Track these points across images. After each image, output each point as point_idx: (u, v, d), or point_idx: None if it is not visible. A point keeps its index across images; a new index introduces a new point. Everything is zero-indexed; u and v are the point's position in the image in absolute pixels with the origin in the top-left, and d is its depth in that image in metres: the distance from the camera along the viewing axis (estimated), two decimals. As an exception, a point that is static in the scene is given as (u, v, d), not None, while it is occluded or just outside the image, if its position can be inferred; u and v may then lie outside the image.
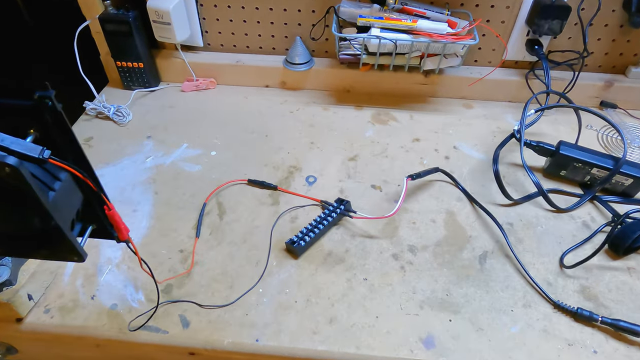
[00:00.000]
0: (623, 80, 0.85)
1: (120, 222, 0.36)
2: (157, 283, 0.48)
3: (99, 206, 0.35)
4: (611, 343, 0.51)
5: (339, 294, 0.56)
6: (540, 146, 0.70)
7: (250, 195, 0.69)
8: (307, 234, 0.60)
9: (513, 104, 0.88)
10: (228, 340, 0.51)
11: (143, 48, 0.85)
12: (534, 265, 0.59)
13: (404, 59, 0.78)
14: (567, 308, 0.53)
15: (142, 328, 0.52)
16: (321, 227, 0.61)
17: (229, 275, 0.58)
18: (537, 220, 0.65)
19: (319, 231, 0.61)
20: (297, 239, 0.60)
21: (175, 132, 0.81)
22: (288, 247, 0.60)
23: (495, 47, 0.86)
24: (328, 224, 0.62)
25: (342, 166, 0.74)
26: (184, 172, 0.73)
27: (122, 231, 0.36)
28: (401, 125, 0.83)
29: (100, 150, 0.77)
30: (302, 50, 0.86)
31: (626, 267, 0.59)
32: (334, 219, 0.62)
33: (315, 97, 0.90)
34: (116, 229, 0.36)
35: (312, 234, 0.60)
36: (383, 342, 0.51)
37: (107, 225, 0.39)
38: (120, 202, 0.67)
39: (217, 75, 0.91)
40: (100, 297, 0.55)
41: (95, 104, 0.83)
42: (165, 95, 0.90)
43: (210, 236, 0.63)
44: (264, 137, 0.80)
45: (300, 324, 0.53)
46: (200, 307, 0.54)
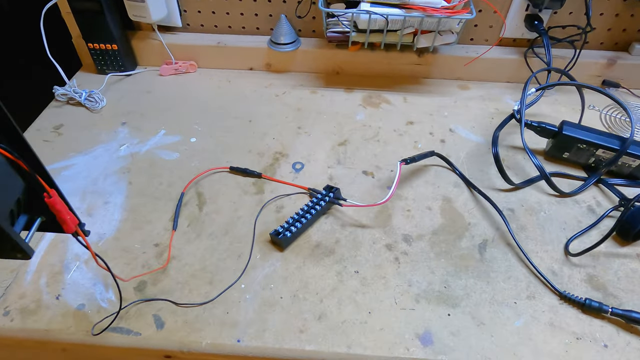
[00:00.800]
0: (626, 58, 0.81)
1: (63, 211, 0.31)
2: (117, 279, 0.43)
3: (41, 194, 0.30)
4: (623, 336, 0.47)
5: (328, 289, 0.52)
6: (542, 127, 0.65)
7: (233, 183, 0.64)
8: (294, 224, 0.56)
9: (511, 84, 0.84)
10: (206, 341, 0.47)
11: (116, 28, 0.79)
12: (537, 254, 0.55)
13: (396, 36, 0.73)
14: (574, 299, 0.50)
15: (113, 330, 0.47)
16: (309, 217, 0.57)
17: (208, 271, 0.53)
18: (540, 205, 0.61)
19: (306, 221, 0.56)
20: (283, 229, 0.55)
21: (152, 118, 0.75)
22: (273, 238, 0.55)
23: (492, 24, 0.81)
24: (316, 213, 0.57)
25: (331, 152, 0.69)
26: (161, 160, 0.67)
27: (66, 223, 0.31)
28: (394, 108, 0.78)
29: (70, 138, 0.71)
30: (288, 29, 0.80)
31: (636, 254, 0.55)
32: (322, 208, 0.58)
33: (302, 79, 0.85)
34: (59, 220, 0.31)
35: (298, 224, 0.56)
36: (376, 340, 0.47)
37: (57, 217, 0.34)
38: (91, 194, 0.62)
39: (197, 57, 0.86)
40: (66, 296, 0.50)
41: (65, 90, 0.77)
42: (142, 80, 0.84)
43: (189, 228, 0.58)
44: (248, 123, 0.75)
45: (286, 321, 0.48)
46: (177, 306, 0.50)
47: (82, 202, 0.61)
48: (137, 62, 0.87)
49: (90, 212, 0.60)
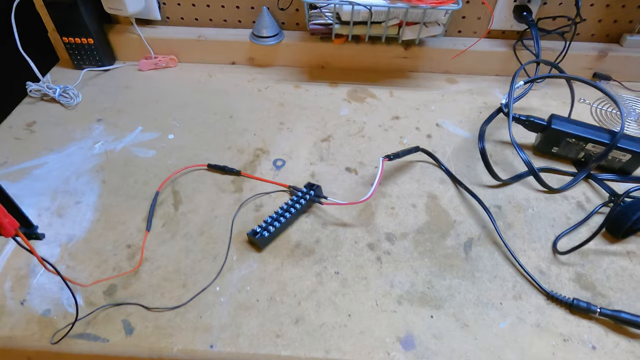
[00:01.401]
0: (617, 50, 0.79)
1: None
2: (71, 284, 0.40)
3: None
4: (611, 337, 0.46)
5: (307, 291, 0.49)
6: (531, 121, 0.63)
7: (211, 182, 0.61)
8: (272, 224, 0.53)
9: (500, 77, 0.82)
10: (178, 347, 0.45)
11: (92, 22, 0.76)
12: (524, 252, 0.53)
13: (381, 28, 0.71)
14: (561, 299, 0.48)
15: (80, 337, 0.45)
16: (288, 216, 0.54)
17: (182, 273, 0.51)
18: (528, 202, 0.59)
19: (285, 220, 0.54)
20: (260, 229, 0.53)
21: (129, 115, 0.73)
22: (250, 238, 0.53)
23: (480, 16, 0.79)
24: (296, 211, 0.55)
25: (313, 148, 0.67)
26: (136, 158, 0.65)
27: (3, 226, 0.29)
28: (380, 103, 0.76)
29: (43, 135, 0.69)
30: (270, 22, 0.78)
31: (626, 252, 0.53)
32: (302, 206, 0.56)
33: (286, 74, 0.82)
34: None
35: (277, 223, 0.53)
36: (356, 344, 0.45)
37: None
38: (63, 193, 0.60)
39: (177, 51, 0.83)
40: (31, 301, 0.48)
41: (39, 86, 0.74)
42: (121, 75, 0.81)
43: (163, 228, 0.56)
44: (229, 118, 0.72)
45: (261, 326, 0.46)
46: (147, 310, 0.47)
47: (53, 202, 0.58)
48: (115, 56, 0.84)
49: (61, 212, 0.57)
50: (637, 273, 0.51)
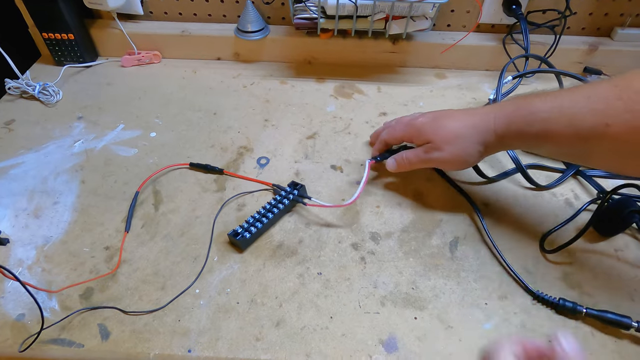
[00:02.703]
0: (608, 44, 0.78)
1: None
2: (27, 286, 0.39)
3: None
4: (598, 337, 0.45)
5: (288, 292, 0.48)
6: (519, 116, 0.62)
7: (193, 181, 0.60)
8: (254, 224, 0.52)
9: (490, 72, 0.80)
10: (155, 352, 0.44)
11: (72, 17, 0.74)
12: (511, 251, 0.52)
13: (367, 22, 0.69)
14: (547, 299, 0.47)
15: (54, 342, 0.44)
16: (270, 216, 0.53)
17: (161, 275, 0.50)
18: (516, 199, 0.58)
19: (267, 220, 0.53)
20: (242, 229, 0.52)
21: (110, 112, 0.71)
22: (231, 239, 0.52)
23: (469, 9, 0.78)
24: (279, 212, 0.54)
25: (298, 145, 0.66)
26: (117, 157, 0.63)
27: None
28: (367, 99, 0.75)
29: (22, 134, 0.67)
30: (255, 16, 0.76)
31: (613, 250, 0.53)
32: (285, 207, 0.54)
33: (272, 69, 0.81)
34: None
35: (259, 223, 0.52)
36: (337, 347, 0.44)
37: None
38: (40, 194, 0.58)
39: (161, 47, 0.81)
40: (5, 306, 0.47)
41: (18, 83, 0.72)
42: (103, 71, 0.80)
43: (143, 229, 0.54)
44: (212, 115, 0.71)
45: (241, 329, 0.45)
46: (124, 314, 0.46)
47: (30, 203, 0.57)
48: (97, 52, 0.82)
49: (38, 213, 0.56)
50: (625, 272, 0.50)
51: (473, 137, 0.49)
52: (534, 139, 0.46)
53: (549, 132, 0.44)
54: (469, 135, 0.49)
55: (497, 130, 0.48)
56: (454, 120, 0.51)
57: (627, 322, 0.44)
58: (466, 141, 0.50)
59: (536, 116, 0.45)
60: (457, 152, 0.50)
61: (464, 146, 0.50)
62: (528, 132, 0.45)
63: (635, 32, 0.77)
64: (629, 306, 0.47)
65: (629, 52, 0.77)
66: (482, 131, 0.49)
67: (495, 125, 0.48)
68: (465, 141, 0.50)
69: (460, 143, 0.50)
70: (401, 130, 0.55)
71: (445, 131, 0.51)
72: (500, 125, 0.48)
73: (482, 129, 0.49)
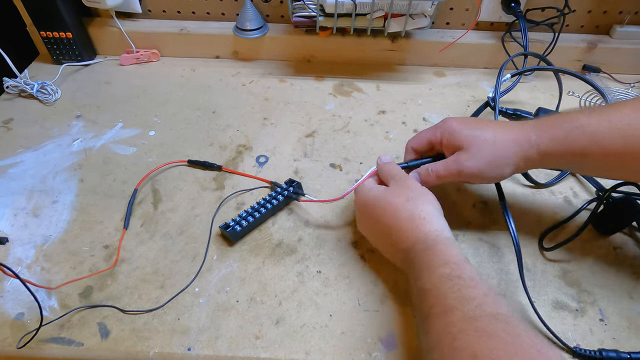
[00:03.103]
0: (607, 41, 0.78)
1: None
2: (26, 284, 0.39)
3: None
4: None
5: (288, 291, 0.48)
6: (518, 114, 0.62)
7: (192, 179, 0.60)
8: (245, 218, 0.52)
9: (489, 70, 0.80)
10: (154, 350, 0.44)
11: (70, 15, 0.74)
12: (510, 249, 0.52)
13: (366, 20, 0.69)
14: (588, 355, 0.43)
15: (54, 340, 0.44)
16: (263, 211, 0.53)
17: (160, 274, 0.50)
18: (514, 197, 0.58)
19: (260, 215, 0.53)
20: (234, 222, 0.52)
21: (109, 111, 0.71)
22: (222, 232, 0.52)
23: (468, 7, 0.78)
24: (272, 207, 0.54)
25: (297, 144, 0.66)
26: (116, 155, 0.63)
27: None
28: (366, 97, 0.75)
29: (20, 133, 0.67)
30: (254, 14, 0.76)
31: (612, 248, 0.53)
32: (280, 202, 0.55)
33: (271, 68, 0.81)
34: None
35: (251, 217, 0.52)
36: (336, 345, 0.44)
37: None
38: (39, 193, 0.58)
39: (160, 45, 0.81)
40: (4, 305, 0.47)
41: (16, 81, 0.72)
42: (101, 70, 0.80)
43: (142, 228, 0.54)
44: (211, 114, 0.71)
45: (241, 327, 0.45)
46: (124, 313, 0.46)
47: (29, 202, 0.57)
48: (95, 51, 0.82)
49: (37, 212, 0.56)
50: (623, 270, 0.50)
51: (511, 149, 0.45)
52: (579, 156, 0.43)
53: (596, 146, 0.41)
54: (508, 148, 0.45)
55: (539, 144, 0.44)
56: (491, 130, 0.46)
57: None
58: (505, 152, 0.45)
59: (582, 130, 0.42)
60: (495, 161, 0.45)
61: (502, 156, 0.45)
62: (572, 148, 0.43)
63: (633, 30, 0.77)
64: (628, 304, 0.47)
65: (628, 50, 0.77)
66: (523, 146, 0.45)
67: (537, 139, 0.44)
68: (504, 152, 0.45)
69: (499, 153, 0.45)
70: (429, 131, 0.50)
71: (482, 138, 0.46)
72: (543, 140, 0.44)
73: (523, 142, 0.45)
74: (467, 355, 0.32)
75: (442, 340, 0.34)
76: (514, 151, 0.45)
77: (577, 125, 0.43)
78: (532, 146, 0.45)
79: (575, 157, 0.43)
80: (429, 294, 0.38)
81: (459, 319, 0.34)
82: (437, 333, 0.35)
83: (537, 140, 0.44)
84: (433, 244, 0.41)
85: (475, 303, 0.35)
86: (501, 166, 0.46)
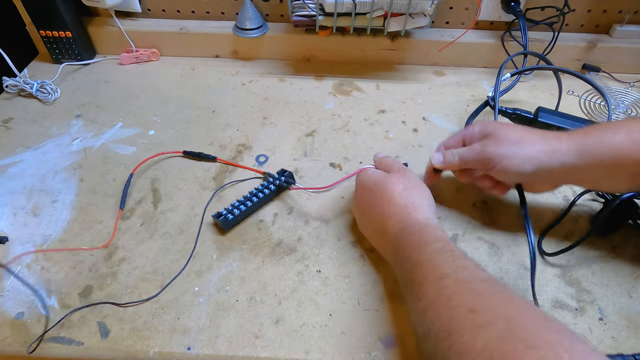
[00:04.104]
0: (607, 41, 0.78)
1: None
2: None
3: None
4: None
5: (287, 290, 0.48)
6: (517, 113, 0.62)
7: (191, 179, 0.60)
8: (238, 207, 0.53)
9: (489, 69, 0.80)
10: (154, 349, 0.44)
11: (69, 14, 0.74)
12: (509, 248, 0.53)
13: (366, 19, 0.69)
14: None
15: (54, 340, 0.44)
16: (255, 200, 0.54)
17: (160, 273, 0.50)
18: (514, 197, 0.58)
19: (251, 204, 0.54)
20: (226, 211, 0.52)
21: (109, 110, 0.71)
22: (214, 220, 0.53)
23: (468, 6, 0.78)
24: (264, 196, 0.55)
25: (297, 143, 0.66)
26: (115, 155, 0.63)
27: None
28: (366, 96, 0.75)
29: (20, 132, 0.67)
30: (253, 14, 0.76)
31: (611, 247, 0.53)
32: (271, 192, 0.55)
33: (271, 67, 0.81)
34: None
35: (243, 206, 0.53)
36: (336, 344, 0.44)
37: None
38: (39, 192, 0.58)
39: (159, 45, 0.81)
40: (4, 304, 0.47)
41: (15, 81, 0.72)
42: (101, 69, 0.79)
43: (142, 227, 0.54)
44: (211, 113, 0.71)
45: (241, 326, 0.45)
46: (124, 312, 0.46)
47: (28, 201, 0.57)
48: (95, 50, 0.82)
49: (36, 212, 0.56)
50: (622, 269, 0.50)
51: (538, 142, 0.45)
52: (605, 169, 0.43)
53: (621, 163, 0.42)
54: (535, 140, 0.45)
55: (569, 143, 0.44)
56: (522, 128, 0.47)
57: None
58: (532, 143, 0.45)
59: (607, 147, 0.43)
60: (519, 150, 0.45)
61: (528, 145, 0.45)
62: (599, 163, 0.43)
63: (633, 29, 0.77)
64: (627, 303, 0.47)
65: (628, 49, 0.77)
66: (551, 142, 0.45)
67: (567, 139, 0.44)
68: (531, 143, 0.45)
69: (526, 142, 0.45)
70: (464, 130, 0.51)
71: (511, 130, 0.47)
72: (572, 152, 0.44)
73: (551, 139, 0.45)
74: (465, 310, 0.33)
75: (438, 301, 0.35)
76: (540, 144, 0.45)
77: (604, 143, 0.43)
78: (561, 142, 0.44)
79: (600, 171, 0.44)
80: (422, 265, 0.39)
81: (453, 282, 0.36)
82: (432, 297, 0.36)
83: (567, 139, 0.44)
84: (424, 227, 0.44)
85: (467, 271, 0.37)
86: (526, 160, 0.44)
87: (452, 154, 0.50)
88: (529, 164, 0.45)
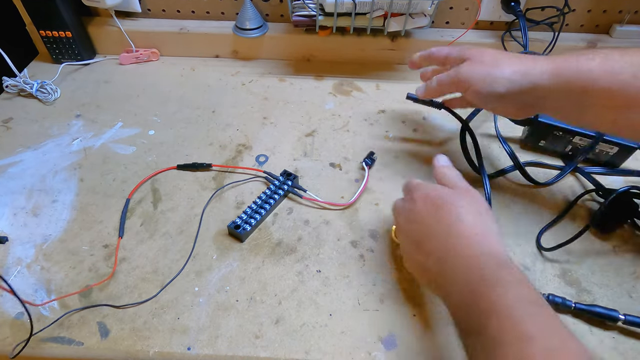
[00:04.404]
0: (607, 41, 0.78)
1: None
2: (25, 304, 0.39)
3: None
4: (597, 334, 0.45)
5: (287, 290, 0.48)
6: (517, 114, 0.62)
7: (191, 179, 0.60)
8: (252, 216, 0.53)
9: (489, 69, 0.80)
10: (154, 349, 0.44)
11: (69, 14, 0.74)
12: (510, 247, 0.53)
13: (366, 19, 0.69)
14: None
15: (54, 340, 0.44)
16: (267, 207, 0.54)
17: (160, 273, 0.50)
18: (514, 196, 0.58)
19: (265, 212, 0.54)
20: (242, 221, 0.53)
21: (109, 110, 0.71)
22: (231, 231, 0.52)
23: (468, 6, 0.78)
24: (275, 202, 0.55)
25: (297, 143, 0.66)
26: (115, 155, 0.63)
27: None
28: (366, 96, 0.75)
29: (20, 132, 0.67)
30: (253, 14, 0.76)
31: (611, 246, 0.53)
32: (280, 197, 0.56)
33: (271, 67, 0.81)
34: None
35: (257, 215, 0.53)
36: (336, 344, 0.44)
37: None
38: (39, 192, 0.58)
39: (159, 45, 0.81)
40: (4, 304, 0.47)
41: (15, 81, 0.72)
42: (101, 69, 0.79)
43: (142, 227, 0.54)
44: (211, 113, 0.71)
45: (240, 326, 0.45)
46: (123, 313, 0.46)
47: (28, 201, 0.57)
48: (95, 50, 0.82)
49: (36, 212, 0.56)
50: (622, 268, 0.50)
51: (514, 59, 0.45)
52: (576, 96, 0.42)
53: (596, 92, 0.40)
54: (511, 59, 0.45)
55: (543, 65, 0.43)
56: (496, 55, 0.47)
57: (615, 315, 0.44)
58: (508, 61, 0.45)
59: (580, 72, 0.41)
60: (491, 70, 0.45)
61: (501, 64, 0.45)
62: (570, 89, 0.42)
63: (633, 29, 0.77)
64: (627, 303, 0.47)
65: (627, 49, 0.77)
66: (526, 63, 0.44)
67: (543, 60, 0.44)
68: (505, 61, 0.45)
69: (500, 62, 0.45)
70: (448, 48, 0.53)
71: (487, 54, 0.47)
72: (546, 74, 0.43)
73: (526, 60, 0.45)
74: None
75: None
76: (515, 64, 0.45)
77: (581, 69, 0.41)
78: (536, 63, 0.44)
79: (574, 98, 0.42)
80: (499, 315, 0.32)
81: (540, 352, 0.29)
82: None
83: (543, 61, 0.44)
84: (503, 263, 0.37)
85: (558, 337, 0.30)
86: (497, 74, 0.45)
87: (430, 81, 0.52)
88: (500, 84, 0.45)
